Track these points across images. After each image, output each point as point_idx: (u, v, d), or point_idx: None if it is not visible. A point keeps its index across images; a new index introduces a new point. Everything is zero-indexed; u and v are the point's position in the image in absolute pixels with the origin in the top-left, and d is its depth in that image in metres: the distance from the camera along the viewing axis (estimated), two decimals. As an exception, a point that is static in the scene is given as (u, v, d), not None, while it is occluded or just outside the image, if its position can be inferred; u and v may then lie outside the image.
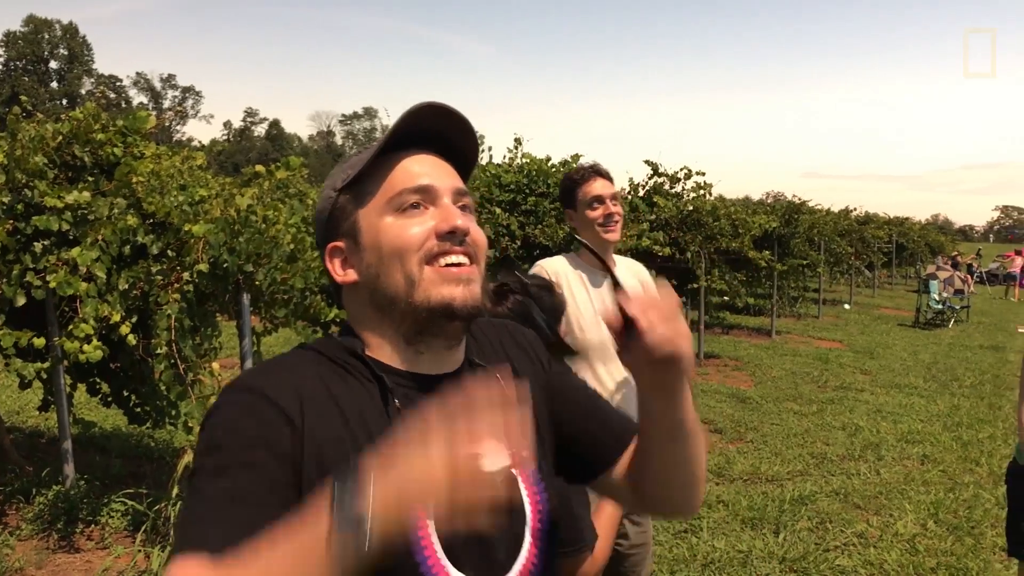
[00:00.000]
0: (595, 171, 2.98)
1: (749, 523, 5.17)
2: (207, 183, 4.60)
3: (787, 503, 5.51)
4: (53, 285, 3.93)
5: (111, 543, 4.42)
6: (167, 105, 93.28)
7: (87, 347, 3.97)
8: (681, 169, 10.10)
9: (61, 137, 4.35)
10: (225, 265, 4.11)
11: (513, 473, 1.15)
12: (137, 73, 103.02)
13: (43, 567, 4.22)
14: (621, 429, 1.26)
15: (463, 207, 1.14)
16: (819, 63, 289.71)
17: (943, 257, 27.65)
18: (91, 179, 4.38)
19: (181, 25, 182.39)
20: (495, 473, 1.07)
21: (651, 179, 10.08)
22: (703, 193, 10.23)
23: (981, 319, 18.14)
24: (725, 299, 12.98)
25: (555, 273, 2.84)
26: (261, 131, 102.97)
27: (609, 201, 2.93)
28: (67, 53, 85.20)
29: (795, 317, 16.82)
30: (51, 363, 4.43)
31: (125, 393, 5.15)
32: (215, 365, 4.33)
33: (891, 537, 5.02)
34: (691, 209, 10.05)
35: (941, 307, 16.90)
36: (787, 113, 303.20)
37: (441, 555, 1.04)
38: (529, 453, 1.19)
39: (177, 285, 4.07)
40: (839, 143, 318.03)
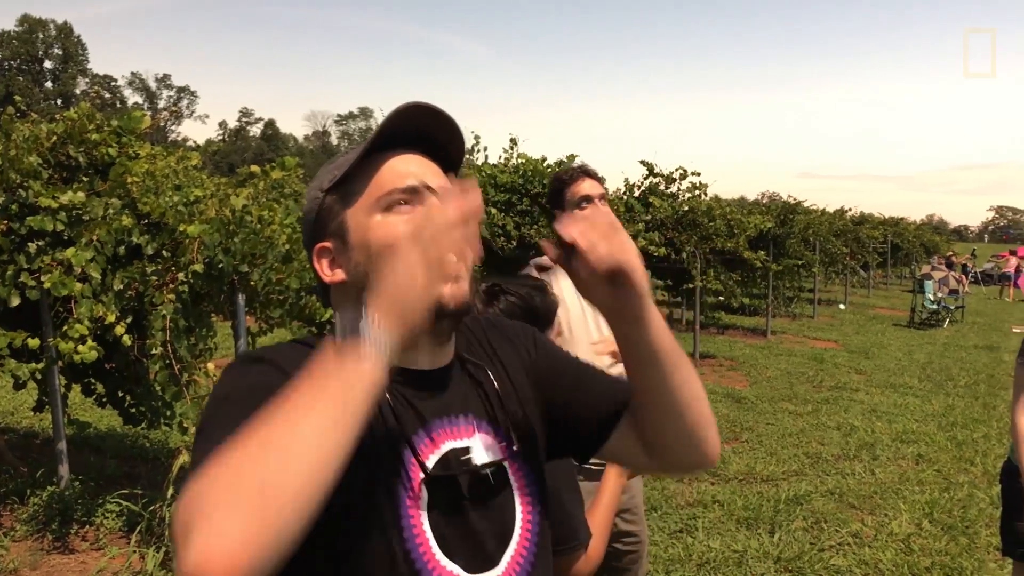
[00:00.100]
0: (583, 172, 3.00)
1: (744, 523, 5.18)
2: (202, 183, 4.60)
3: (782, 503, 5.52)
4: (48, 285, 3.93)
5: (106, 544, 4.42)
6: (162, 105, 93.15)
7: (82, 348, 3.97)
8: (676, 169, 10.14)
9: (56, 137, 4.34)
10: (220, 265, 4.11)
11: (504, 467, 1.16)
12: (132, 73, 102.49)
13: (38, 568, 4.21)
14: (613, 393, 1.25)
15: None
16: (814, 64, 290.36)
17: (938, 257, 27.71)
18: (86, 179, 4.38)
19: (176, 25, 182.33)
20: (487, 464, 1.07)
21: (647, 179, 10.11)
22: (698, 193, 10.25)
23: (976, 319, 18.19)
24: (720, 299, 13.02)
25: (554, 273, 2.86)
26: (256, 131, 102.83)
27: (598, 201, 2.94)
28: (62, 53, 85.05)
29: (790, 317, 16.85)
30: (46, 364, 4.42)
31: (120, 394, 5.13)
32: (210, 366, 4.33)
33: (886, 537, 5.04)
34: (687, 209, 10.07)
35: (936, 307, 16.94)
36: (782, 114, 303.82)
37: (434, 544, 1.05)
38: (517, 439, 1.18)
39: (172, 285, 4.07)
40: (834, 143, 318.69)
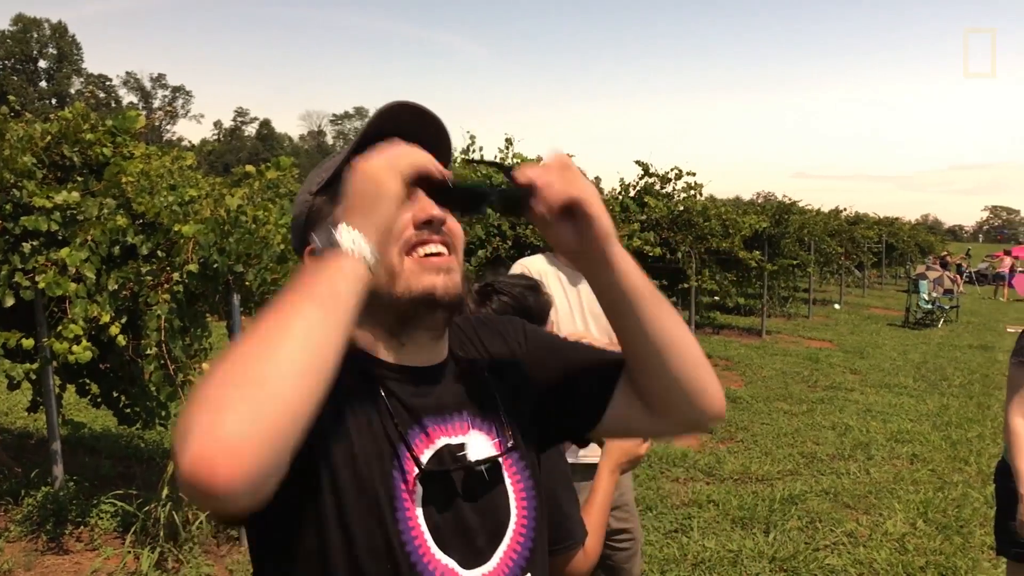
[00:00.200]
0: None
1: (739, 523, 5.19)
2: (197, 183, 4.58)
3: (777, 503, 5.53)
4: (42, 286, 3.91)
5: (100, 544, 4.41)
6: (157, 105, 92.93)
7: (76, 348, 3.95)
8: (672, 169, 10.16)
9: (50, 137, 4.33)
10: (215, 265, 4.10)
11: (498, 463, 1.16)
12: (127, 72, 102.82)
13: (32, 569, 4.20)
14: (605, 360, 1.25)
15: None
16: (811, 64, 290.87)
17: (933, 257, 27.81)
18: (80, 179, 4.36)
19: (171, 24, 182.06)
20: (481, 461, 1.08)
21: (642, 179, 10.12)
22: (693, 193, 10.27)
23: (970, 319, 18.23)
24: (715, 299, 13.04)
25: (539, 272, 2.87)
26: (251, 131, 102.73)
27: None
28: (56, 52, 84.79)
29: (785, 317, 16.87)
30: (40, 364, 4.41)
31: (115, 394, 5.12)
32: (205, 366, 4.32)
33: (880, 536, 5.05)
34: (682, 209, 10.08)
35: (931, 307, 16.97)
36: (778, 114, 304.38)
37: (429, 539, 1.06)
38: (513, 439, 1.18)
39: (167, 286, 4.06)
40: (829, 144, 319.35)
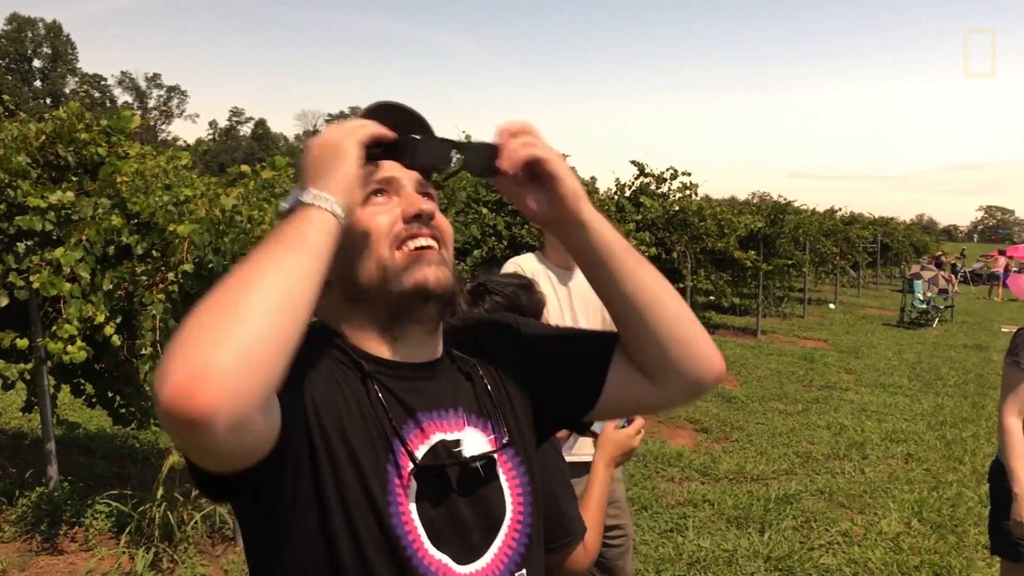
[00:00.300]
0: None
1: (734, 522, 5.20)
2: (192, 183, 4.57)
3: (772, 502, 5.53)
4: (36, 286, 3.90)
5: (95, 545, 4.40)
6: (152, 104, 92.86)
7: (71, 348, 3.94)
8: (667, 169, 10.16)
9: (44, 136, 4.32)
10: (210, 265, 4.09)
11: (493, 459, 1.16)
12: (122, 72, 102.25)
13: (26, 569, 4.19)
14: (597, 336, 1.27)
15: (426, 195, 1.16)
16: (806, 65, 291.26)
17: (927, 257, 27.88)
18: (75, 179, 4.35)
19: (167, 24, 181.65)
20: (476, 457, 1.08)
21: (637, 179, 10.12)
22: (689, 193, 10.28)
23: (965, 319, 18.27)
24: (711, 299, 13.05)
25: (531, 272, 2.88)
26: (247, 131, 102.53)
27: None
28: (51, 52, 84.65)
29: (780, 317, 16.89)
30: (34, 364, 4.39)
31: (109, 394, 5.11)
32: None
33: (875, 536, 5.06)
34: (677, 209, 10.09)
35: (925, 307, 17.01)
36: (774, 114, 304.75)
37: (422, 533, 1.06)
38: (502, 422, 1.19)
39: (162, 285, 4.05)
40: (825, 144, 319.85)
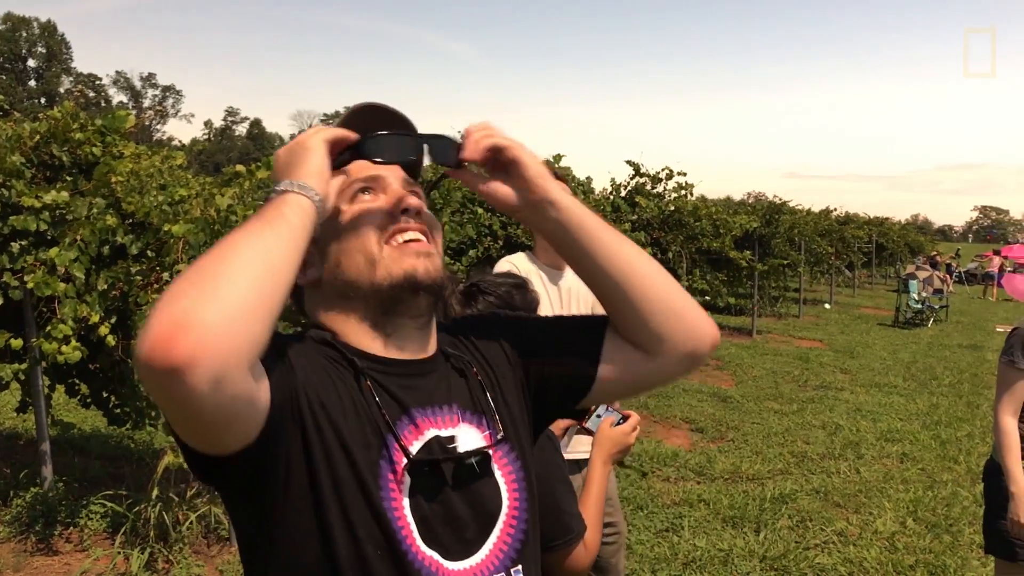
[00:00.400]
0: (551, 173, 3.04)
1: (730, 522, 5.20)
2: (187, 183, 4.56)
3: (768, 502, 5.54)
4: (31, 286, 3.89)
5: (90, 545, 4.39)
6: (147, 104, 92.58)
7: (65, 348, 3.93)
8: (663, 169, 10.12)
9: (39, 136, 4.30)
10: (205, 265, 4.08)
11: (488, 455, 1.16)
12: (117, 72, 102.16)
13: (21, 570, 4.18)
14: (585, 318, 1.29)
15: (413, 192, 1.17)
16: (801, 65, 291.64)
17: (923, 257, 27.90)
18: (69, 179, 4.34)
19: (161, 24, 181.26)
20: (471, 453, 1.08)
21: (633, 179, 10.10)
22: (684, 193, 10.26)
23: (960, 318, 18.31)
24: (706, 299, 13.01)
25: (524, 272, 2.88)
26: (242, 130, 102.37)
27: None
28: (45, 51, 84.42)
29: (776, 317, 16.91)
30: (29, 364, 4.38)
31: (104, 394, 5.09)
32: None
33: (870, 535, 5.07)
34: (672, 209, 10.07)
35: (920, 307, 17.04)
36: (769, 114, 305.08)
37: (414, 529, 1.05)
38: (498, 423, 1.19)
39: (157, 285, 4.04)
40: (820, 144, 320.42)
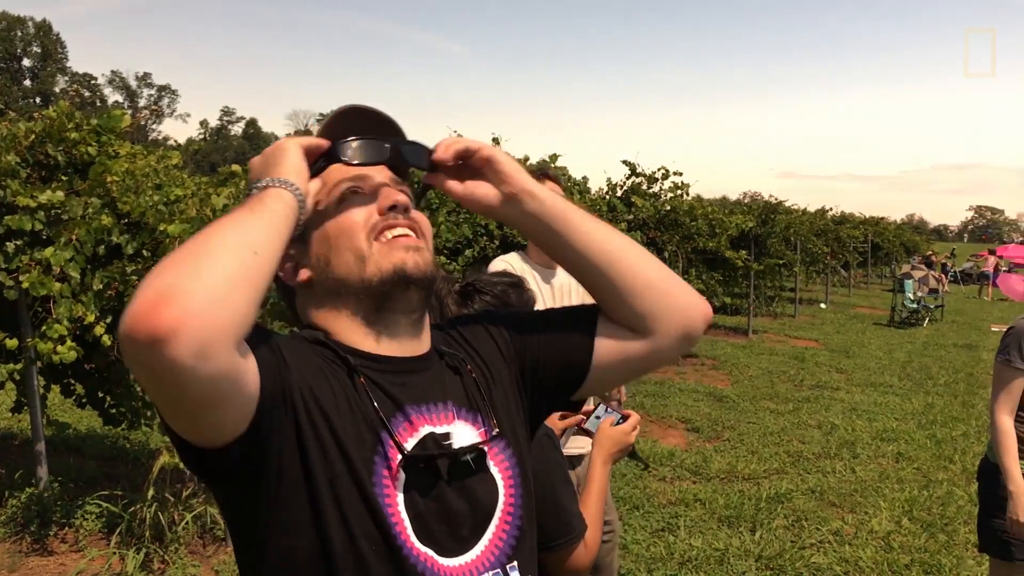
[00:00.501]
0: (544, 174, 3.11)
1: (726, 521, 5.21)
2: (183, 182, 4.56)
3: (763, 501, 5.55)
4: (26, 285, 3.88)
5: (85, 545, 4.38)
6: (143, 104, 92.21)
7: (61, 348, 3.93)
8: (659, 169, 10.13)
9: (34, 136, 4.29)
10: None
11: (483, 451, 1.15)
12: (112, 71, 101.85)
13: (16, 570, 4.17)
14: (581, 311, 1.29)
15: (400, 191, 1.18)
16: (797, 65, 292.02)
17: (918, 256, 27.94)
18: (65, 178, 4.33)
19: (157, 23, 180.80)
20: (466, 449, 1.08)
21: (629, 179, 10.11)
22: (680, 193, 10.26)
23: (955, 318, 18.34)
24: (702, 299, 13.02)
25: (519, 271, 2.89)
26: (238, 130, 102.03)
27: None
28: (40, 51, 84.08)
29: (772, 316, 16.93)
30: (24, 364, 4.37)
31: (100, 394, 5.09)
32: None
33: (866, 534, 5.08)
34: (668, 209, 10.07)
35: (916, 306, 17.06)
36: (764, 114, 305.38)
37: (408, 526, 1.05)
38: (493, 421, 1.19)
39: (152, 285, 4.03)
40: (816, 144, 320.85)
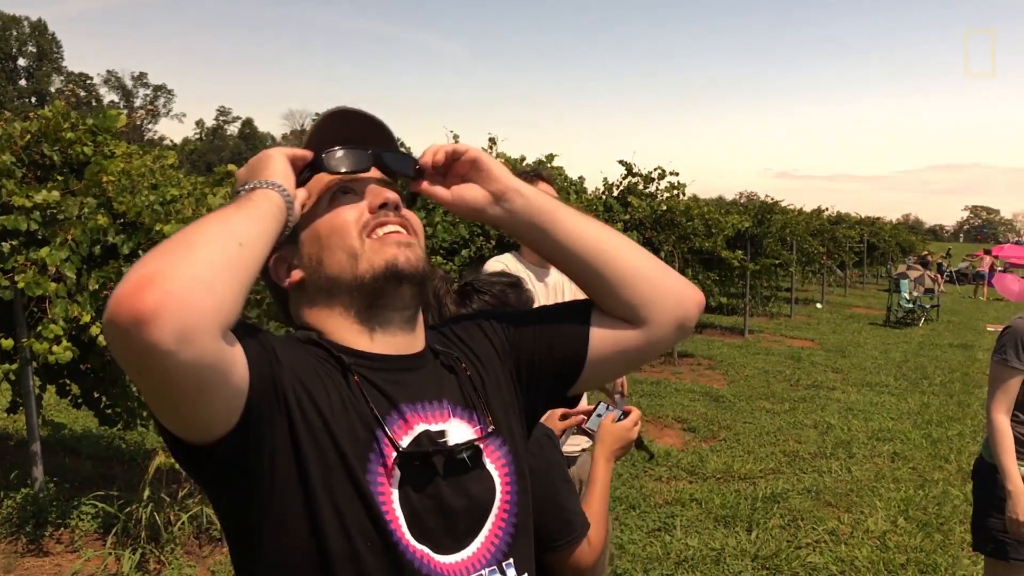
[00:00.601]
0: (537, 175, 3.10)
1: (722, 521, 5.21)
2: (179, 182, 4.57)
3: (759, 501, 5.55)
4: (21, 286, 3.88)
5: (81, 546, 4.37)
6: (138, 103, 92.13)
7: (56, 348, 3.92)
8: (655, 169, 10.14)
9: (30, 136, 4.29)
10: (197, 265, 4.07)
11: (479, 449, 1.15)
12: (108, 71, 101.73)
13: (12, 571, 4.17)
14: (575, 305, 1.29)
15: (391, 190, 1.19)
16: (793, 66, 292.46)
17: (914, 256, 28.01)
18: (60, 178, 4.32)
19: (153, 23, 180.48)
20: (462, 446, 1.07)
21: (625, 179, 10.11)
22: (676, 193, 10.27)
23: (951, 318, 18.38)
24: (699, 299, 13.02)
25: (514, 271, 2.89)
26: (234, 130, 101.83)
27: None
28: (36, 50, 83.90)
29: (768, 316, 16.95)
30: (19, 364, 4.37)
31: (95, 394, 5.08)
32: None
33: (862, 534, 5.08)
34: (665, 209, 10.08)
35: (912, 306, 17.10)
36: (761, 115, 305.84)
37: (403, 523, 1.05)
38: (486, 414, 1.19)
39: (148, 285, 4.03)
40: (812, 144, 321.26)
